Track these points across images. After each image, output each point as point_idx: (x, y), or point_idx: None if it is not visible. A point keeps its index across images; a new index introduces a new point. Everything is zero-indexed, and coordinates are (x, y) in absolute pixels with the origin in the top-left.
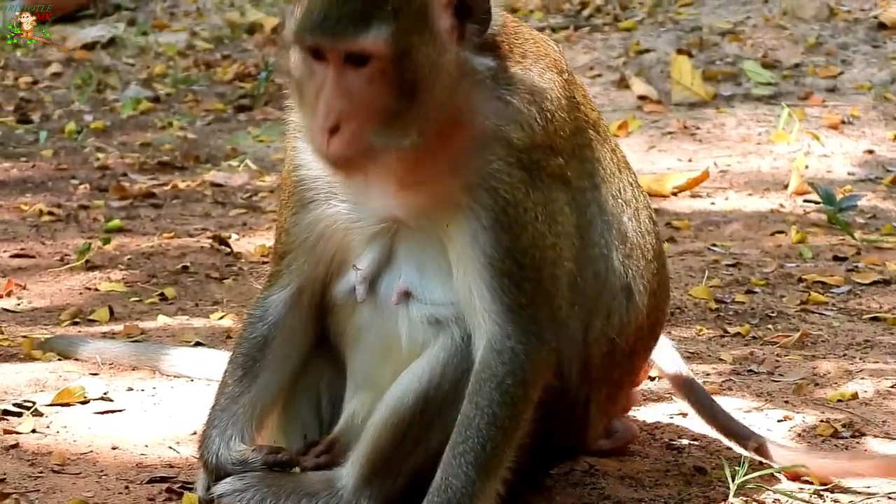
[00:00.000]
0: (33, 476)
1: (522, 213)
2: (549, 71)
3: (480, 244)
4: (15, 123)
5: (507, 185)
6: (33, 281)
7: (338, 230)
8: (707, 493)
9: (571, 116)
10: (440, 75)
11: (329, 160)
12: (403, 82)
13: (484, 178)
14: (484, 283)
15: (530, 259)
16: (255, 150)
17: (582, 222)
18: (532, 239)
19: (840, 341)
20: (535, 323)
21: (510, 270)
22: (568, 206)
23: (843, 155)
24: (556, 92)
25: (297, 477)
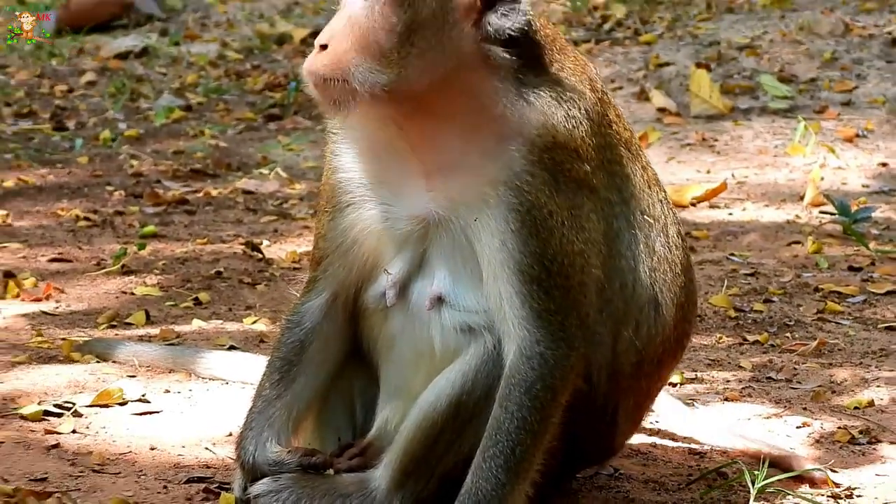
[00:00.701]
0: (74, 475)
1: (548, 217)
2: (581, 85)
3: (509, 249)
4: (51, 131)
5: (530, 184)
6: (71, 285)
7: (371, 234)
8: (728, 497)
9: (602, 131)
10: (441, 42)
11: (306, 74)
12: (399, 24)
13: (508, 176)
14: (513, 288)
15: (559, 266)
16: (285, 158)
17: (609, 233)
18: (560, 245)
19: (856, 350)
20: (564, 329)
21: (539, 277)
22: (595, 213)
23: (857, 167)
24: (585, 103)
25: (331, 479)
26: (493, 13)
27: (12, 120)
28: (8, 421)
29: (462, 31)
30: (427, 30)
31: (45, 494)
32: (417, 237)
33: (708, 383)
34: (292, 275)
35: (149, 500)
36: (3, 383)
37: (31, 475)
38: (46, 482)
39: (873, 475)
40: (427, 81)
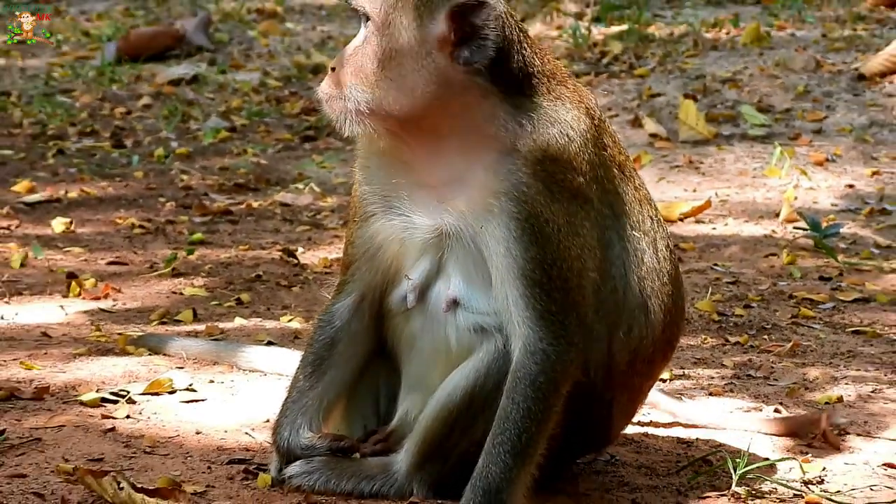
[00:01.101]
0: (127, 456)
1: (545, 224)
2: (577, 110)
3: (513, 255)
4: (111, 148)
5: (526, 195)
6: (126, 285)
7: (394, 242)
8: (713, 482)
9: (597, 151)
10: (418, 69)
11: (318, 94)
12: (379, 50)
13: (507, 187)
14: (518, 291)
15: (558, 270)
16: (318, 174)
17: (602, 241)
18: (558, 250)
19: (826, 351)
20: (564, 327)
21: (540, 280)
22: (588, 222)
23: (827, 188)
24: (579, 126)
25: (358, 462)
26: (464, 47)
27: (76, 138)
28: (69, 407)
29: (438, 60)
30: (404, 57)
31: (101, 473)
32: (434, 245)
33: (694, 379)
34: (324, 278)
35: (194, 479)
36: (65, 373)
37: (89, 456)
38: (102, 462)
39: (842, 464)
40: (408, 103)
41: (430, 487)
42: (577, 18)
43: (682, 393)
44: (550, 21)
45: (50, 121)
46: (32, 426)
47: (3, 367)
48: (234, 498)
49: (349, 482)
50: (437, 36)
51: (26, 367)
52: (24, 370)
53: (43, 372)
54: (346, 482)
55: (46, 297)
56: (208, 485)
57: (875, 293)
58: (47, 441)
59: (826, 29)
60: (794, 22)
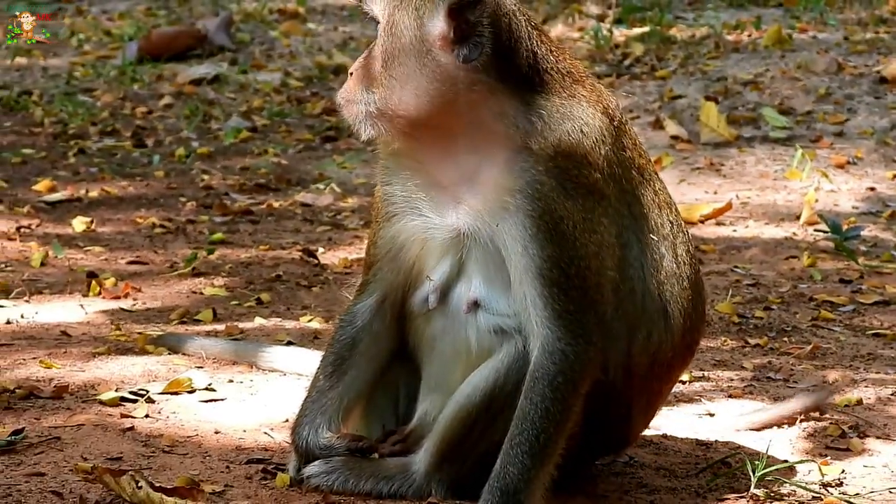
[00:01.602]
0: (146, 455)
1: (559, 221)
2: (592, 108)
3: (530, 254)
4: (132, 148)
5: (540, 192)
6: (147, 285)
7: (415, 242)
8: (731, 484)
9: (615, 150)
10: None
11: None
12: (387, 52)
13: (521, 185)
14: (536, 291)
15: (576, 269)
16: (339, 175)
17: (620, 241)
18: (574, 248)
19: (846, 353)
20: (583, 327)
21: (558, 280)
22: (606, 218)
23: (848, 191)
24: (594, 122)
25: (376, 462)
26: (463, 45)
27: (97, 137)
28: (88, 406)
29: (440, 59)
30: (407, 56)
31: (120, 472)
32: (454, 246)
33: (714, 381)
34: (344, 279)
35: (212, 479)
36: (85, 372)
37: (108, 454)
38: (121, 461)
39: (861, 466)
40: (414, 103)
41: (448, 488)
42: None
43: (702, 395)
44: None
45: (71, 120)
46: (51, 425)
47: (23, 365)
48: (253, 497)
49: (368, 482)
50: (438, 34)
51: (46, 366)
52: (44, 369)
53: (62, 371)
54: (365, 482)
55: (66, 296)
56: (227, 484)
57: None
58: (66, 440)
59: (848, 31)
60: (816, 24)
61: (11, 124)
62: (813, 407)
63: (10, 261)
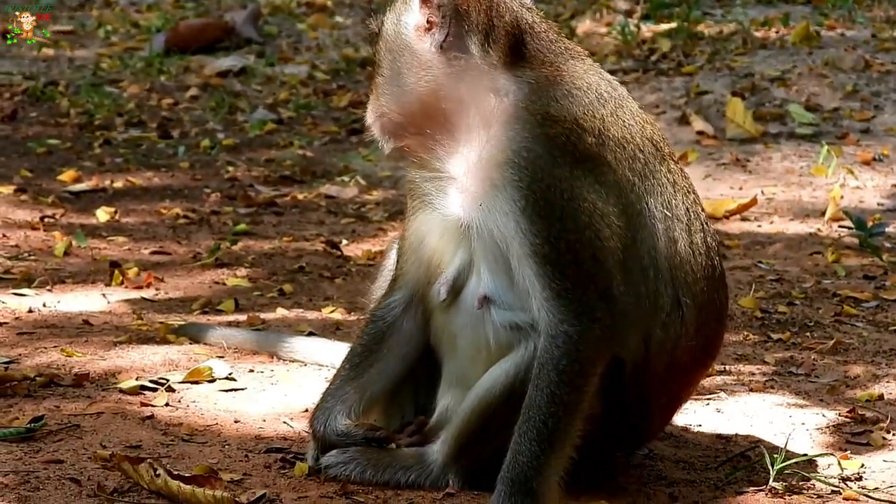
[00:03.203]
0: (165, 444)
1: (547, 191)
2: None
3: (522, 230)
4: (157, 139)
5: (527, 160)
6: (170, 275)
7: (433, 235)
8: (750, 477)
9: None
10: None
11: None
12: (383, 61)
13: (508, 156)
14: (532, 271)
15: (565, 243)
16: (364, 168)
17: (630, 212)
18: (563, 221)
19: (869, 349)
20: (584, 304)
21: (551, 256)
22: (603, 187)
23: (873, 188)
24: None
25: (394, 452)
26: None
27: (123, 128)
28: (108, 394)
29: (421, 49)
30: (396, 57)
31: (139, 460)
32: (465, 239)
33: (735, 375)
34: (367, 271)
35: (231, 468)
36: (106, 360)
37: (127, 442)
38: (140, 449)
39: (881, 461)
40: (411, 100)
41: (465, 479)
42: (626, 15)
43: (723, 389)
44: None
45: (97, 111)
46: (71, 413)
47: (44, 353)
48: (271, 486)
49: (385, 472)
50: (415, 27)
51: (67, 354)
52: (65, 357)
53: (83, 359)
54: (382, 472)
55: (89, 285)
56: (245, 473)
57: None
58: (85, 427)
59: (876, 29)
60: (844, 22)
61: (38, 115)
62: None
63: (34, 250)
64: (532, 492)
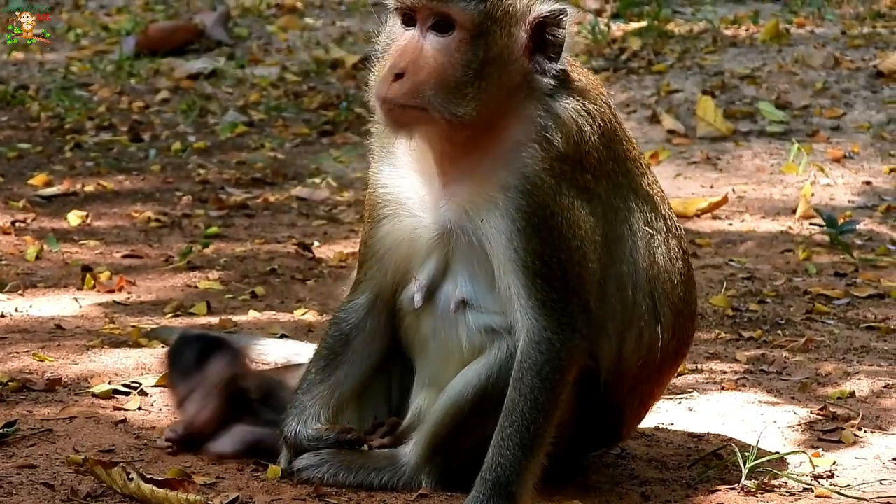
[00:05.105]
0: (138, 447)
1: (549, 217)
2: (597, 104)
3: (514, 246)
4: (128, 142)
5: (538, 188)
6: (141, 278)
7: (403, 243)
8: (723, 476)
9: (611, 145)
10: (504, 72)
11: (384, 102)
12: (474, 60)
13: (519, 180)
14: (520, 282)
15: (558, 261)
16: (335, 169)
17: (612, 236)
18: (558, 243)
19: (840, 346)
20: (567, 315)
21: (541, 271)
22: (594, 216)
23: (844, 185)
24: (598, 120)
25: (366, 454)
26: (542, 55)
27: (94, 132)
28: (81, 398)
29: (519, 66)
30: (495, 65)
31: (112, 464)
32: (440, 245)
33: (707, 374)
34: (339, 273)
35: (204, 471)
36: (78, 364)
37: (100, 447)
38: (113, 453)
39: (852, 458)
40: (486, 109)
41: (438, 480)
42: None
43: (694, 387)
44: None
45: (68, 115)
46: (44, 417)
47: (16, 358)
48: (244, 489)
49: (358, 474)
50: (523, 43)
51: (39, 359)
52: (37, 362)
53: (55, 363)
54: (355, 474)
55: (61, 289)
56: (218, 476)
57: (890, 289)
58: (58, 432)
59: (845, 26)
60: (814, 19)
61: (8, 119)
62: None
63: (5, 255)
64: (511, 495)
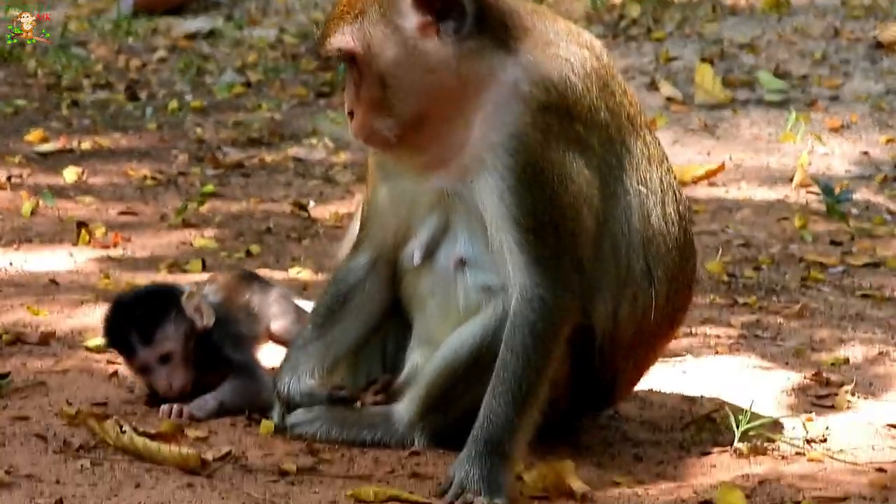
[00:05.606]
0: (131, 401)
1: (539, 173)
2: (576, 48)
3: (506, 203)
4: (125, 101)
5: (524, 144)
6: (137, 235)
7: (404, 203)
8: (716, 438)
9: (602, 96)
10: (415, 67)
11: (355, 138)
12: (381, 75)
13: (504, 138)
14: (512, 238)
15: (549, 216)
16: (332, 130)
17: (606, 193)
18: (550, 198)
19: (835, 314)
20: (560, 272)
21: (533, 227)
22: (588, 169)
23: (841, 155)
24: (580, 67)
25: (359, 411)
26: (447, 22)
27: (91, 90)
28: (74, 352)
29: (427, 47)
30: (399, 65)
31: (105, 417)
32: (441, 207)
33: (701, 338)
34: (334, 232)
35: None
36: (72, 319)
37: (93, 400)
38: (106, 406)
39: (846, 423)
40: (425, 101)
41: (430, 438)
42: None
43: (689, 351)
44: None
45: (65, 72)
46: (37, 370)
47: (11, 311)
48: (237, 444)
49: (351, 431)
50: (416, 26)
51: (33, 313)
52: (31, 315)
53: (50, 317)
54: (348, 431)
55: (56, 244)
56: (210, 430)
57: (886, 258)
58: (51, 385)
59: None
60: None
61: (5, 75)
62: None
63: (1, 209)
64: (503, 453)
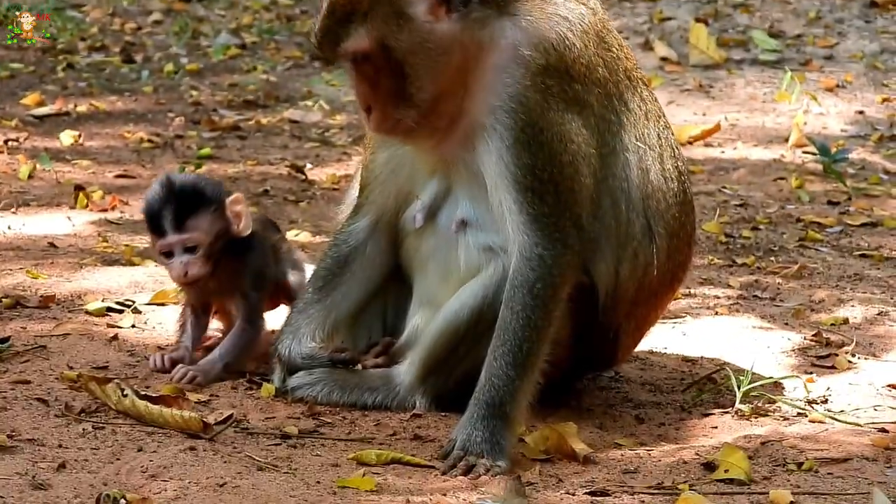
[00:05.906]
0: (132, 364)
1: (539, 133)
2: (574, 3)
3: (505, 162)
4: (121, 63)
5: (523, 106)
6: (134, 198)
7: (405, 167)
8: (717, 399)
9: (600, 52)
10: (431, 51)
11: (377, 133)
12: (400, 65)
13: (504, 101)
14: (511, 197)
15: (549, 175)
16: (327, 92)
17: (605, 150)
18: (549, 157)
19: (833, 273)
20: (559, 230)
21: (532, 185)
22: (587, 128)
23: (837, 114)
24: (579, 25)
25: (360, 374)
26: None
27: (87, 53)
28: (75, 315)
29: (439, 28)
30: (415, 53)
31: (106, 380)
32: (442, 170)
33: (700, 299)
34: (331, 195)
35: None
36: (72, 282)
37: (94, 363)
38: (107, 370)
39: (846, 384)
40: (443, 81)
41: (431, 401)
42: None
43: (688, 312)
44: None
45: (60, 35)
46: (38, 334)
47: (10, 275)
48: (238, 407)
49: (352, 393)
50: (426, 10)
51: (33, 276)
52: (31, 279)
53: (49, 281)
54: (349, 393)
55: (54, 208)
56: (212, 394)
57: (883, 218)
58: (52, 349)
59: None
60: None
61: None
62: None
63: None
64: (505, 415)
